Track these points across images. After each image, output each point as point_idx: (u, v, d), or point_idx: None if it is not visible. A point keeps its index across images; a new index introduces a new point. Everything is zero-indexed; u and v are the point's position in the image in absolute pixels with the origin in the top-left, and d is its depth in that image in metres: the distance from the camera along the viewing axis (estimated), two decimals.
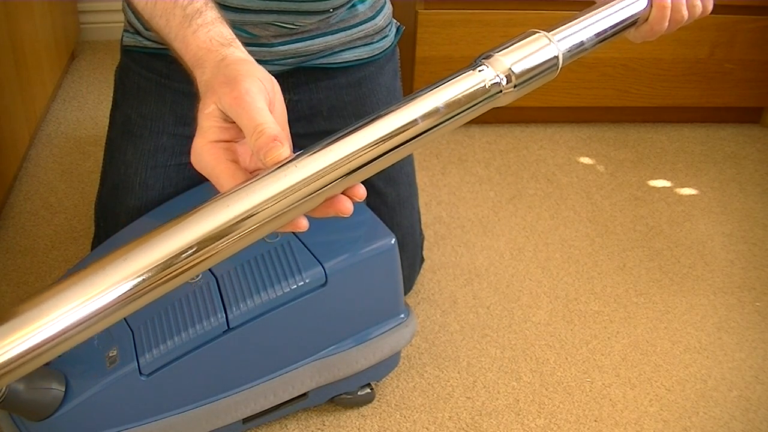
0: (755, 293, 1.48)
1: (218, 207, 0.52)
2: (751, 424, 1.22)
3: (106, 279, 0.48)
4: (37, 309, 0.46)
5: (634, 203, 1.70)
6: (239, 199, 0.52)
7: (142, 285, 0.49)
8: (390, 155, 0.58)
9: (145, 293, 0.49)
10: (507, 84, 0.63)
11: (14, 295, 1.35)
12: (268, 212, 0.53)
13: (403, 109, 0.58)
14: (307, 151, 0.55)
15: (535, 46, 0.67)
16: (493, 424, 1.18)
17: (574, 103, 1.92)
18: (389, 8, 1.21)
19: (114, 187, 1.12)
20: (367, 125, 0.57)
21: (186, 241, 0.50)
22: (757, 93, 1.95)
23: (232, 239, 0.52)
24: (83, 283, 0.48)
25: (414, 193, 1.28)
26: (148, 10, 0.71)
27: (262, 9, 1.03)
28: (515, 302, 1.41)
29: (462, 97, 0.61)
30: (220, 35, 0.65)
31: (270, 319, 0.98)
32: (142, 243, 0.50)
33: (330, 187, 0.55)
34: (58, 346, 0.47)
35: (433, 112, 0.59)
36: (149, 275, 0.49)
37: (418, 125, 0.58)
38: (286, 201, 0.53)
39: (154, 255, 0.49)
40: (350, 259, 1.01)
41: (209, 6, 0.69)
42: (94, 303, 0.47)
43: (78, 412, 0.91)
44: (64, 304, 0.47)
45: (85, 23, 2.19)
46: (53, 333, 0.46)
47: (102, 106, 1.91)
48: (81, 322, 0.47)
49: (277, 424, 1.15)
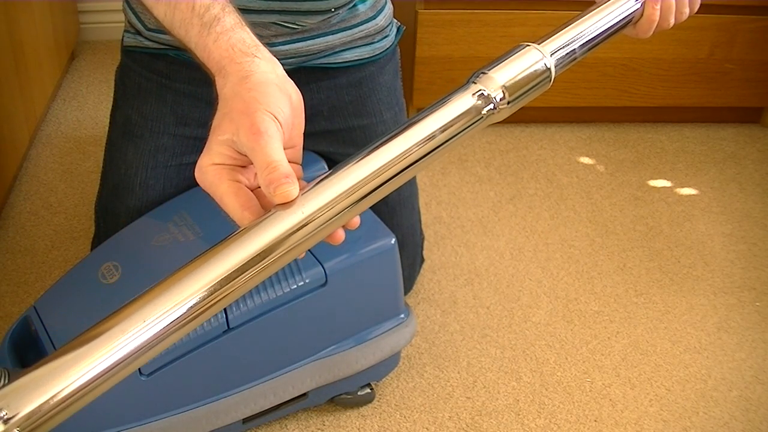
0: (755, 293, 1.48)
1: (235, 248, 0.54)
2: (751, 424, 1.22)
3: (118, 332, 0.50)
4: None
5: (634, 203, 1.70)
6: (255, 236, 0.54)
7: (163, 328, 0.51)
8: (391, 183, 0.60)
9: (164, 337, 0.51)
10: (501, 101, 0.65)
11: (14, 295, 1.35)
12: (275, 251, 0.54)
13: (401, 136, 0.60)
14: (313, 185, 0.57)
15: (526, 61, 0.68)
16: (493, 424, 1.18)
17: (574, 103, 1.92)
18: (390, 8, 1.21)
19: (114, 187, 1.12)
20: (367, 155, 0.59)
21: (207, 283, 0.52)
22: (757, 93, 1.95)
23: (249, 276, 0.53)
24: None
25: (414, 193, 1.28)
26: (167, 21, 0.71)
27: (263, 9, 1.03)
28: (515, 302, 1.41)
29: (458, 119, 0.63)
30: (242, 42, 0.65)
31: (270, 319, 0.98)
32: (172, 283, 0.52)
33: (335, 220, 0.56)
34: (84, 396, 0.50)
35: (431, 138, 0.61)
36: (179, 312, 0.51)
37: (416, 152, 0.60)
38: (291, 239, 0.55)
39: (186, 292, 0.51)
40: (350, 259, 1.02)
41: (227, 11, 0.68)
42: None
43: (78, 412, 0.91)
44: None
45: (85, 23, 2.19)
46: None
47: (102, 106, 1.91)
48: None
49: (277, 424, 1.15)
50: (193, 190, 1.11)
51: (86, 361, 0.48)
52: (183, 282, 0.52)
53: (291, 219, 0.54)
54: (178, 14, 0.69)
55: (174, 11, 0.69)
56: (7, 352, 0.96)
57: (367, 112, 1.19)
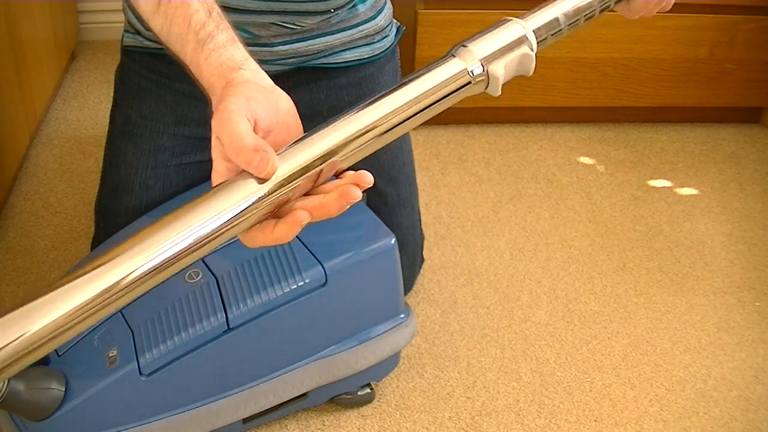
0: (755, 293, 1.48)
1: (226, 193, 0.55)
2: (751, 424, 1.22)
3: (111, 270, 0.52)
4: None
5: (634, 203, 1.70)
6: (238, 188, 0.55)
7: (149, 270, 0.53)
8: (364, 148, 0.60)
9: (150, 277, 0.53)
10: (479, 75, 0.64)
11: (14, 295, 1.35)
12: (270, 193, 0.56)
13: (376, 104, 0.61)
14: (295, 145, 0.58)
15: (508, 35, 0.67)
16: (493, 424, 1.18)
17: (574, 103, 1.92)
18: (389, 8, 1.21)
19: (114, 187, 1.12)
20: (341, 120, 0.60)
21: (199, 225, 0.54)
22: (757, 93, 1.95)
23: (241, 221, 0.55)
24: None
25: (414, 193, 1.28)
26: (164, 34, 0.71)
27: (263, 10, 1.03)
28: (515, 302, 1.41)
29: (435, 90, 0.62)
30: (231, 59, 0.65)
31: (270, 319, 0.98)
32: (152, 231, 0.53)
33: (315, 171, 0.58)
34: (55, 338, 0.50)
35: (406, 107, 0.61)
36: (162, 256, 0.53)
37: (389, 121, 0.61)
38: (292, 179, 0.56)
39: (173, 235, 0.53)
40: (350, 259, 1.02)
41: (221, 28, 0.67)
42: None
43: (78, 412, 0.91)
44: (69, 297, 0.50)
45: (85, 23, 2.18)
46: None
47: (102, 106, 1.91)
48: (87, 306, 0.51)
49: (277, 424, 1.15)
50: (193, 190, 1.11)
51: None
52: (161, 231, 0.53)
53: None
54: (175, 28, 0.69)
55: (171, 25, 0.69)
56: None
57: None
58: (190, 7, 0.68)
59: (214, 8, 0.69)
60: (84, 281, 0.51)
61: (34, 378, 0.88)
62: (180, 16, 0.68)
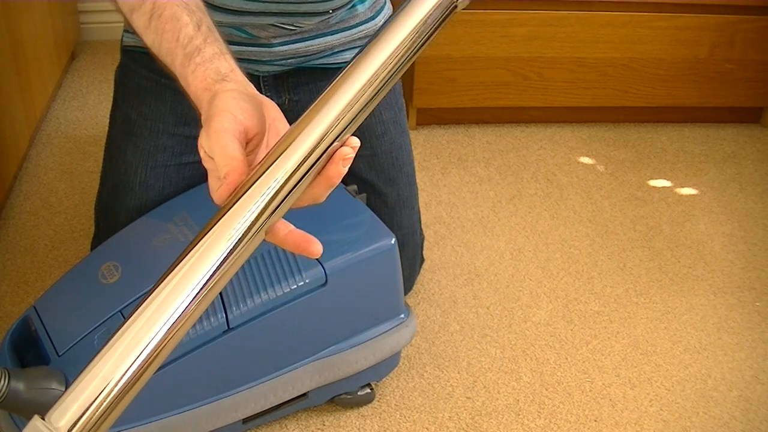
0: (755, 293, 1.48)
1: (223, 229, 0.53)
2: (751, 424, 1.22)
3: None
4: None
5: (634, 203, 1.70)
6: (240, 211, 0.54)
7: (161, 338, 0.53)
8: (378, 89, 0.58)
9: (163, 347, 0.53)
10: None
11: (14, 295, 1.35)
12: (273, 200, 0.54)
13: (374, 51, 0.58)
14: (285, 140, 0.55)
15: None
16: (493, 424, 1.18)
17: (574, 103, 1.92)
18: (389, 8, 1.21)
19: (114, 186, 1.12)
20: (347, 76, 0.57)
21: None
22: (757, 93, 1.95)
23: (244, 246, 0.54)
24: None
25: (414, 193, 1.28)
26: (155, 48, 0.71)
27: (261, 11, 1.03)
28: (515, 302, 1.41)
29: (424, 21, 0.61)
30: (216, 72, 0.65)
31: (270, 319, 0.98)
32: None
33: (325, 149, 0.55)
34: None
35: (406, 42, 0.59)
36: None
37: (389, 68, 0.59)
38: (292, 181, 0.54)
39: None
40: (350, 259, 1.02)
41: (209, 41, 0.68)
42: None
43: None
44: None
45: (85, 23, 2.19)
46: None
47: (102, 106, 1.91)
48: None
49: (277, 424, 1.15)
50: (193, 190, 1.11)
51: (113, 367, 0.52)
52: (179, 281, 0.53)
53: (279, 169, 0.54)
54: (165, 44, 0.69)
55: (161, 41, 0.70)
56: (7, 352, 0.96)
57: None
58: (179, 22, 0.69)
59: (204, 21, 0.69)
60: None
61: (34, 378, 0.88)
62: (169, 31, 0.69)
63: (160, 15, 0.70)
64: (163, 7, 0.70)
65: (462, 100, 1.86)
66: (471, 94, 1.86)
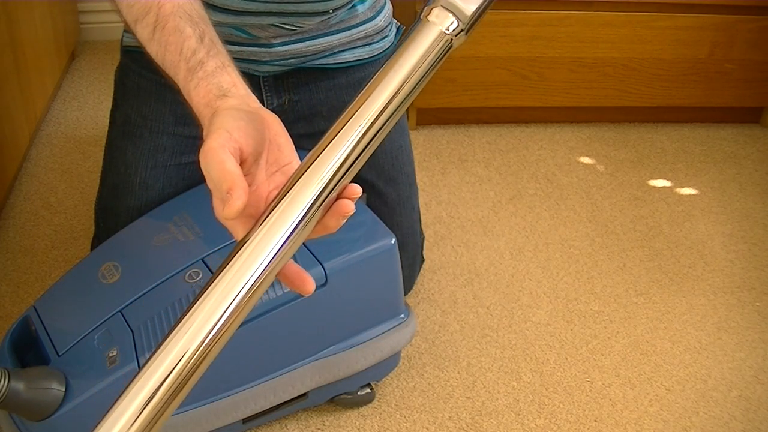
0: (755, 293, 1.48)
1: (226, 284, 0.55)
2: (751, 424, 1.22)
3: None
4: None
5: (634, 203, 1.70)
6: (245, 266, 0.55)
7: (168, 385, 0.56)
8: (376, 134, 0.57)
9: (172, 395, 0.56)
10: (457, 26, 0.60)
11: (14, 295, 1.35)
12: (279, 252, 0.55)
13: (373, 92, 0.57)
14: (294, 180, 0.56)
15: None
16: (493, 424, 1.18)
17: (574, 103, 1.92)
18: (389, 8, 1.21)
19: (114, 186, 1.12)
20: (351, 114, 0.57)
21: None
22: (757, 93, 1.95)
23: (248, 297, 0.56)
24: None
25: (414, 193, 1.28)
26: (159, 60, 0.71)
27: (261, 11, 1.03)
28: (515, 302, 1.41)
29: (420, 62, 0.59)
30: (217, 87, 0.64)
31: (270, 319, 0.98)
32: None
33: (326, 197, 0.56)
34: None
35: (403, 83, 0.58)
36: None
37: (393, 101, 0.57)
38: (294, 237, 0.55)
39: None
40: (350, 259, 1.02)
41: (211, 54, 0.67)
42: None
43: (78, 412, 0.91)
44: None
45: (85, 23, 2.19)
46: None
47: (102, 106, 1.91)
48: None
49: (277, 424, 1.15)
50: (193, 190, 1.11)
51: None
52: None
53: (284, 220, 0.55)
54: (168, 56, 0.69)
55: (165, 52, 0.69)
56: (7, 352, 0.95)
57: None
58: (183, 34, 0.68)
59: (207, 33, 0.69)
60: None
61: (34, 378, 0.88)
62: (173, 44, 0.68)
63: (164, 27, 0.70)
64: (166, 19, 0.70)
65: (462, 100, 1.86)
66: (471, 94, 1.86)
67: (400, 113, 0.59)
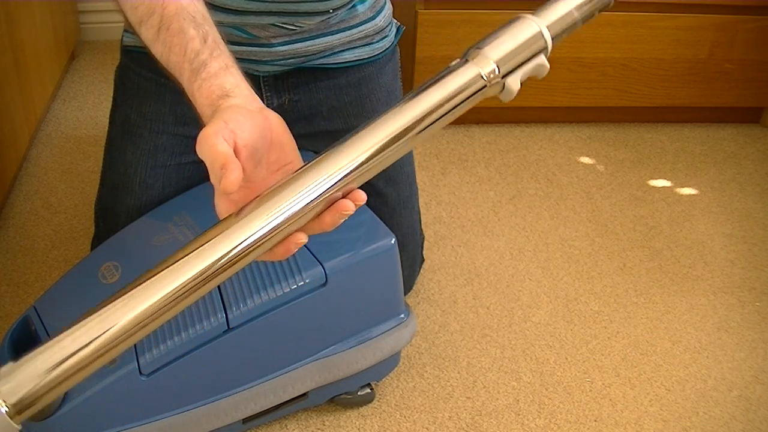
0: (755, 293, 1.48)
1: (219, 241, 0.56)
2: (751, 424, 1.22)
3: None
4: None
5: (634, 203, 1.70)
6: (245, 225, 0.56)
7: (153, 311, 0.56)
8: (386, 158, 0.59)
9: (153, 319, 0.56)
10: (493, 76, 0.64)
11: (14, 295, 1.35)
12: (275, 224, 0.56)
13: (392, 116, 0.60)
14: (303, 168, 0.58)
15: (521, 34, 0.66)
16: (493, 424, 1.18)
17: (574, 103, 1.92)
18: (389, 8, 1.21)
19: (114, 186, 1.12)
20: (359, 133, 0.59)
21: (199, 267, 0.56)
22: (757, 93, 1.95)
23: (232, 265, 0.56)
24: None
25: (414, 193, 1.28)
26: (164, 61, 0.71)
27: (261, 11, 1.03)
28: (515, 302, 1.41)
29: (452, 96, 0.62)
30: (220, 87, 0.65)
31: (270, 319, 0.98)
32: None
33: (330, 193, 0.58)
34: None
35: (430, 112, 0.61)
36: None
37: (415, 125, 0.60)
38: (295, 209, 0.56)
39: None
40: (350, 259, 1.02)
41: (215, 55, 0.68)
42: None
43: (78, 412, 0.91)
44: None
45: (85, 23, 2.19)
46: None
47: (102, 106, 1.91)
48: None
49: (277, 424, 1.15)
50: (193, 190, 1.11)
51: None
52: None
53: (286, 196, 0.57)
54: (173, 57, 0.69)
55: (169, 53, 0.70)
56: (7, 352, 0.95)
57: (366, 112, 1.20)
58: (186, 35, 0.68)
59: (210, 34, 0.69)
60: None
61: None
62: (177, 45, 0.69)
63: (168, 28, 0.70)
64: (170, 20, 0.70)
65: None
66: None
67: (422, 138, 0.61)
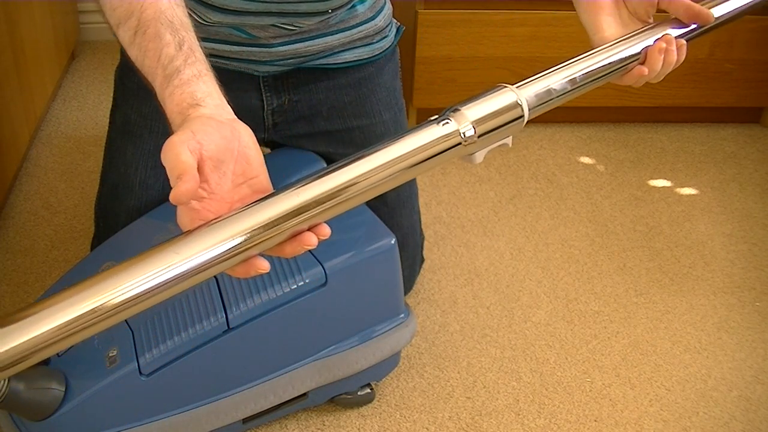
0: (755, 293, 1.48)
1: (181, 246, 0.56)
2: (751, 424, 1.22)
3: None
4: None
5: (634, 203, 1.70)
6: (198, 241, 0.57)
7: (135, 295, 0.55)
8: (354, 198, 0.61)
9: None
10: (470, 136, 0.68)
11: (14, 295, 1.35)
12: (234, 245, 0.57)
13: (363, 159, 0.62)
14: (265, 200, 0.59)
15: (500, 101, 0.72)
16: (493, 424, 1.18)
17: (574, 103, 1.90)
18: (389, 8, 1.21)
19: (114, 186, 1.12)
20: (332, 172, 0.61)
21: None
22: (757, 93, 1.95)
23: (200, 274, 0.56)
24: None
25: (414, 193, 1.28)
26: (138, 64, 0.71)
27: (261, 11, 1.03)
28: (515, 302, 1.41)
29: (425, 148, 0.65)
30: (191, 96, 0.64)
31: (270, 319, 0.98)
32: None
33: (291, 226, 0.59)
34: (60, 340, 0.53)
35: (397, 161, 0.63)
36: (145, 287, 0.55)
37: (377, 175, 0.62)
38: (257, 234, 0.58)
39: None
40: (350, 259, 1.02)
41: (189, 62, 0.67)
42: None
43: (78, 412, 0.91)
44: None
45: (85, 23, 2.19)
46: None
47: (102, 106, 1.91)
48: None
49: (277, 424, 1.15)
50: None
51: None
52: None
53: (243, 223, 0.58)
54: (147, 61, 0.69)
55: (144, 58, 0.69)
56: None
57: (366, 112, 1.19)
58: (162, 41, 0.68)
59: (186, 40, 0.68)
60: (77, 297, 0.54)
61: (34, 378, 0.89)
62: (152, 50, 0.68)
63: (144, 32, 0.69)
64: (147, 24, 0.69)
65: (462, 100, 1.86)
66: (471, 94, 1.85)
67: (389, 185, 0.63)
